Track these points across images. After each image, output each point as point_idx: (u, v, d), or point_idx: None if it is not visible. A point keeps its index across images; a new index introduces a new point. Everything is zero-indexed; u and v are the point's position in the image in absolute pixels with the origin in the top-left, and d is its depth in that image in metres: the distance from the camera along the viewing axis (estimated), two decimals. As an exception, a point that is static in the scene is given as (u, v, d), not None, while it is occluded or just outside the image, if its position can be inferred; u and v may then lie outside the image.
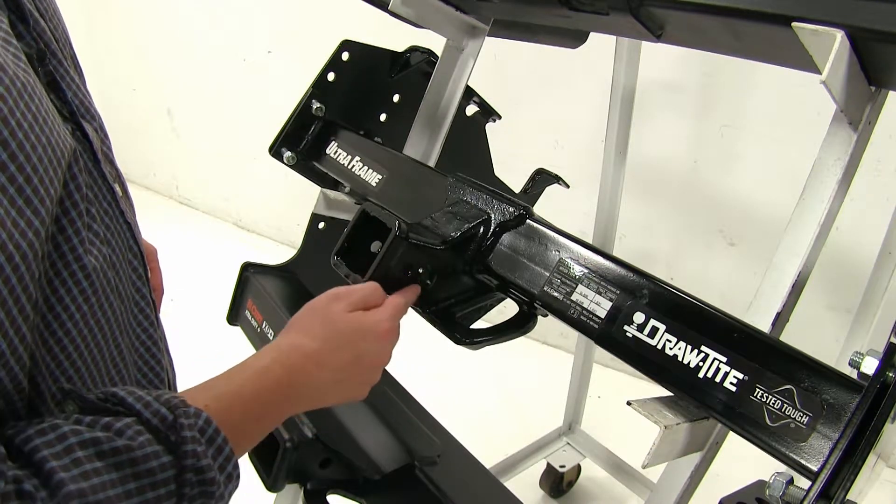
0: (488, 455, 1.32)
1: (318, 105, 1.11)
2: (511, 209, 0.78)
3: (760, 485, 0.60)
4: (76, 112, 0.51)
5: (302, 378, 0.57)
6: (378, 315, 0.66)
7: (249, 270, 1.20)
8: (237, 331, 1.20)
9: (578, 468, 1.74)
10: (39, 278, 0.43)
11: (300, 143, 1.12)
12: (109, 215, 0.53)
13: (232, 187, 3.20)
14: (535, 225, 0.77)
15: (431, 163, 1.11)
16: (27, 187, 0.39)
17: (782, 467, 0.53)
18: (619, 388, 2.00)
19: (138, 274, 0.58)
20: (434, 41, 1.12)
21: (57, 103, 0.49)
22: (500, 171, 1.33)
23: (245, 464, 0.55)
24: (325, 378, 0.59)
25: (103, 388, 0.46)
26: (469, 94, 1.20)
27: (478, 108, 1.25)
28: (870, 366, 0.50)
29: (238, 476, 0.48)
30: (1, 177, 0.38)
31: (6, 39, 0.42)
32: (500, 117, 1.28)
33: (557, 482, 1.70)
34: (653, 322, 0.62)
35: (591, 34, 1.08)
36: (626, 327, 0.64)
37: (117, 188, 0.55)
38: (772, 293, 0.65)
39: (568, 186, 1.02)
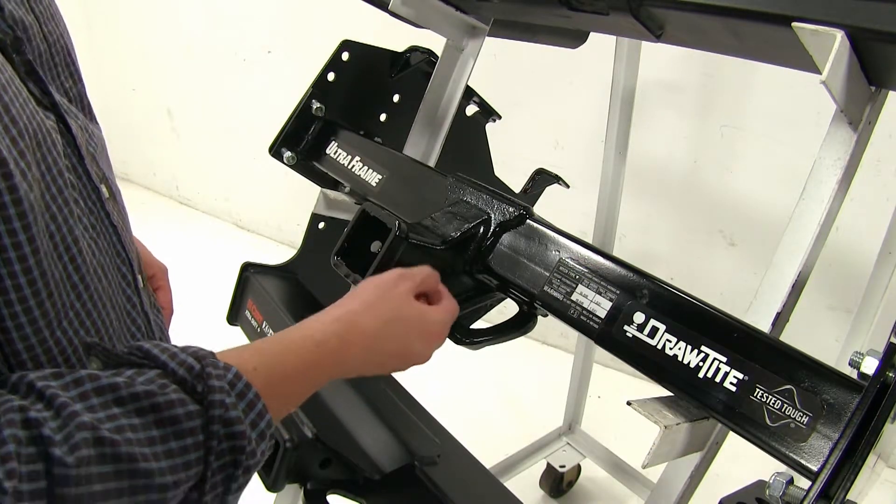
0: (488, 455, 1.32)
1: (318, 105, 1.11)
2: (511, 209, 0.78)
3: (760, 485, 0.60)
4: (59, 105, 0.50)
5: (353, 354, 0.57)
6: (439, 315, 0.66)
7: (249, 270, 1.20)
8: (237, 331, 1.20)
9: (578, 468, 1.74)
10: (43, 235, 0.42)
11: (300, 143, 1.12)
12: (94, 215, 0.52)
13: (232, 187, 3.20)
14: (535, 225, 0.77)
15: (431, 163, 1.11)
16: None
17: (782, 467, 0.53)
18: (619, 388, 2.01)
19: (127, 281, 0.56)
20: (434, 41, 1.12)
21: (36, 92, 0.49)
22: (500, 171, 1.33)
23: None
24: (371, 360, 0.59)
25: (131, 343, 0.44)
26: (469, 94, 1.20)
27: (478, 108, 1.25)
28: (870, 366, 0.50)
29: (272, 436, 0.46)
30: None
31: None
32: (500, 117, 1.28)
33: (557, 482, 1.70)
34: (653, 322, 0.62)
35: (591, 34, 1.08)
36: (626, 327, 0.64)
37: (104, 189, 0.54)
38: (772, 293, 0.65)
39: (568, 186, 1.02)
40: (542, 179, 0.98)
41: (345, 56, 1.11)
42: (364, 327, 0.58)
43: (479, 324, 0.84)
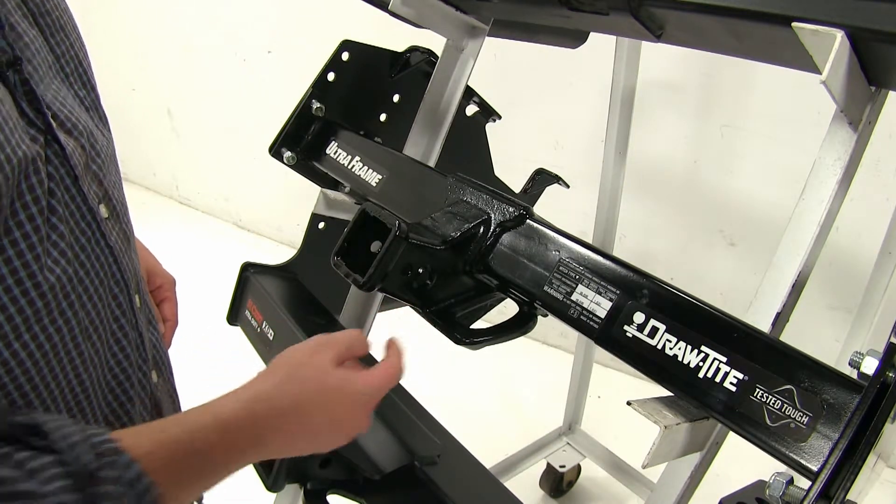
0: (488, 455, 1.32)
1: (318, 105, 1.11)
2: (511, 209, 0.78)
3: (760, 485, 0.60)
4: (51, 123, 0.49)
5: (269, 433, 0.52)
6: (365, 387, 0.59)
7: (249, 270, 1.20)
8: (237, 331, 1.20)
9: (578, 468, 1.74)
10: None
11: (300, 143, 1.12)
12: (86, 236, 0.51)
13: (232, 187, 3.20)
14: (535, 225, 0.77)
15: (431, 163, 1.11)
16: None
17: (782, 467, 0.53)
18: (619, 388, 2.01)
19: (118, 302, 0.55)
20: (434, 41, 1.12)
21: (30, 112, 0.48)
22: (500, 171, 1.33)
23: (245, 464, 0.54)
24: (297, 439, 0.55)
25: (31, 414, 0.41)
26: (469, 94, 1.20)
27: (478, 108, 1.25)
28: (870, 366, 0.50)
29: None
30: None
31: None
32: (500, 117, 1.28)
33: (557, 482, 1.70)
34: (653, 322, 0.62)
35: (591, 34, 1.08)
36: (626, 327, 0.64)
37: (102, 209, 0.53)
38: (772, 293, 0.65)
39: (568, 186, 1.01)
40: (542, 179, 0.98)
41: (345, 56, 1.11)
42: (277, 407, 0.53)
43: (479, 324, 0.84)
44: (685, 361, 0.59)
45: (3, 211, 0.42)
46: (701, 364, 0.58)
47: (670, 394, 0.61)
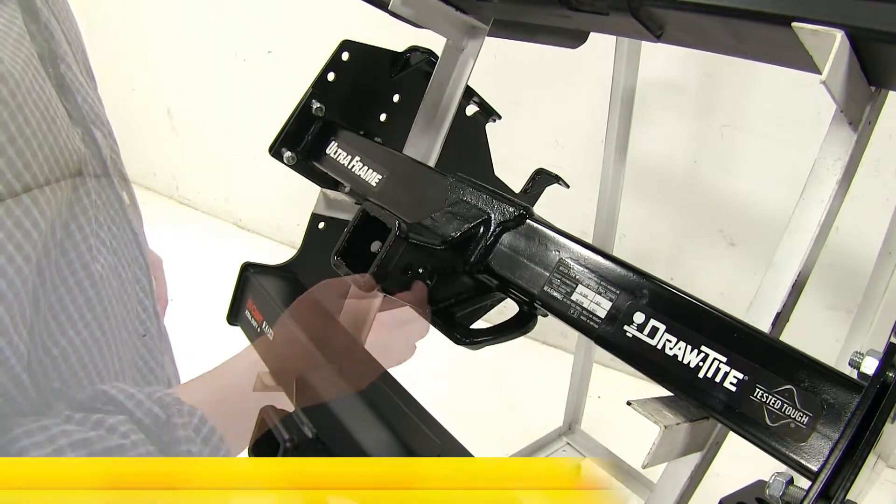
0: (488, 455, 1.31)
1: (318, 105, 1.11)
2: (511, 209, 0.78)
3: (760, 485, 0.60)
4: (86, 117, 0.51)
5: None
6: (368, 303, 0.64)
7: (249, 270, 1.19)
8: (237, 331, 1.20)
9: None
10: (45, 282, 0.43)
11: (300, 143, 1.12)
12: (116, 223, 0.53)
13: (232, 187, 3.20)
14: (535, 225, 0.77)
15: (431, 163, 1.11)
16: (34, 186, 0.39)
17: (782, 467, 0.53)
18: (619, 388, 2.01)
19: (142, 285, 0.58)
20: (434, 41, 1.12)
21: (67, 106, 0.49)
22: (500, 171, 1.33)
23: (245, 464, 0.55)
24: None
25: (93, 386, 0.45)
26: (469, 94, 1.20)
27: (478, 108, 1.25)
28: (870, 366, 0.50)
29: None
30: (7, 174, 0.38)
31: (20, 37, 0.42)
32: (500, 117, 1.28)
33: (557, 482, 1.70)
34: (653, 322, 0.62)
35: (591, 34, 1.08)
36: (626, 327, 0.64)
37: (125, 196, 0.55)
38: (772, 293, 0.65)
39: (568, 186, 1.02)
40: (542, 179, 0.98)
41: (345, 56, 1.11)
42: (294, 342, 0.58)
43: (479, 324, 0.84)
44: (685, 361, 0.59)
45: (69, 206, 0.44)
46: (701, 364, 0.58)
47: (670, 394, 0.61)
